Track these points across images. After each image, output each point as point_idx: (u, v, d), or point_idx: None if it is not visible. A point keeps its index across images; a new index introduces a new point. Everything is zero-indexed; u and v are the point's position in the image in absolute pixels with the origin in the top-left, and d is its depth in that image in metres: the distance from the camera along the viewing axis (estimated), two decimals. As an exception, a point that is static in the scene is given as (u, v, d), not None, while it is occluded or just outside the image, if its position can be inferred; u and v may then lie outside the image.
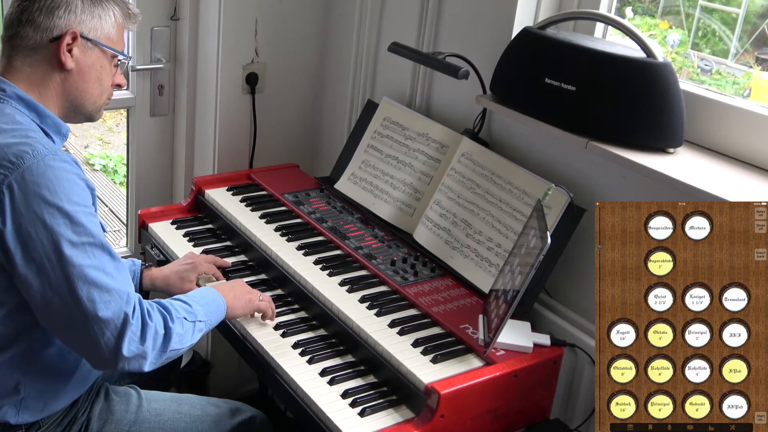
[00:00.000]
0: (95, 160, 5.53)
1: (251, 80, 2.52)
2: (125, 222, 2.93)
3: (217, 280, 1.96)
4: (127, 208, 2.78)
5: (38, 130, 1.53)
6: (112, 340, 1.43)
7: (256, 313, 1.80)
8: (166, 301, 1.58)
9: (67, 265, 1.41)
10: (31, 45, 1.55)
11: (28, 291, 1.43)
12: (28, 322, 1.51)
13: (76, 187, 1.46)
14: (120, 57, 1.64)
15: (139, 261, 1.95)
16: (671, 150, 1.72)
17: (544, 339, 1.73)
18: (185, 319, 1.56)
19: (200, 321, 1.60)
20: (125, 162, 2.80)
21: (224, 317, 1.71)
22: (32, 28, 1.54)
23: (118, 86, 1.69)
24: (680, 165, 1.66)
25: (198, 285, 1.91)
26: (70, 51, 1.55)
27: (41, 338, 1.55)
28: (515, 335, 1.71)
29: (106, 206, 4.99)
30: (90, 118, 1.66)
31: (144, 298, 1.95)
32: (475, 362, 1.66)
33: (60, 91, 1.58)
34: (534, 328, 1.77)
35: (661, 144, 1.71)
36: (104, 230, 1.53)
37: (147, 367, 1.49)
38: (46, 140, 1.50)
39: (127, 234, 2.86)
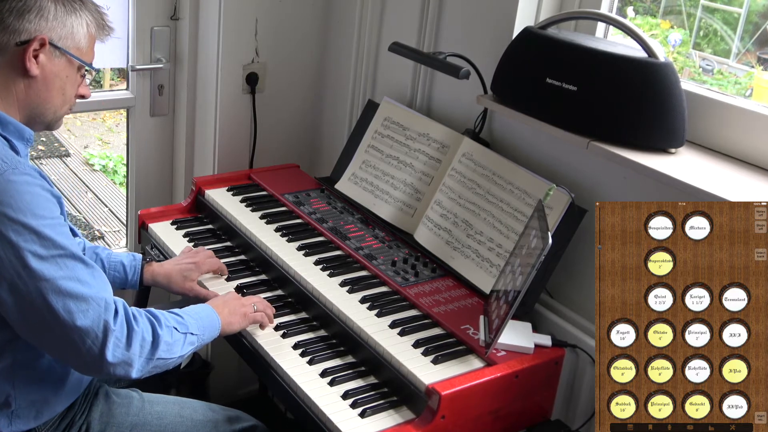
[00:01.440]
0: (95, 160, 5.52)
1: (251, 80, 2.52)
2: (125, 222, 2.93)
3: (222, 275, 1.97)
4: (127, 209, 2.78)
5: None
6: (94, 349, 1.41)
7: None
8: (157, 311, 1.56)
9: (38, 280, 1.38)
10: None
11: (2, 307, 1.41)
12: (8, 336, 1.48)
13: (39, 199, 1.42)
14: (87, 68, 1.58)
15: (140, 255, 1.95)
16: (673, 150, 1.72)
17: (545, 340, 1.73)
18: (175, 329, 1.54)
19: (192, 334, 1.58)
20: (125, 162, 2.80)
21: (219, 333, 1.68)
22: (0, 29, 1.48)
23: (82, 97, 1.63)
24: (682, 165, 1.66)
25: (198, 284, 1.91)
26: (36, 57, 1.49)
27: (26, 350, 1.53)
28: (516, 336, 1.70)
29: (106, 206, 4.99)
30: (49, 127, 1.61)
31: (145, 294, 1.97)
32: (476, 363, 1.66)
33: (22, 97, 1.52)
34: (535, 329, 1.77)
35: (662, 144, 1.71)
36: (76, 235, 1.48)
37: (134, 374, 1.47)
38: (6, 152, 1.44)
39: (127, 234, 2.86)
